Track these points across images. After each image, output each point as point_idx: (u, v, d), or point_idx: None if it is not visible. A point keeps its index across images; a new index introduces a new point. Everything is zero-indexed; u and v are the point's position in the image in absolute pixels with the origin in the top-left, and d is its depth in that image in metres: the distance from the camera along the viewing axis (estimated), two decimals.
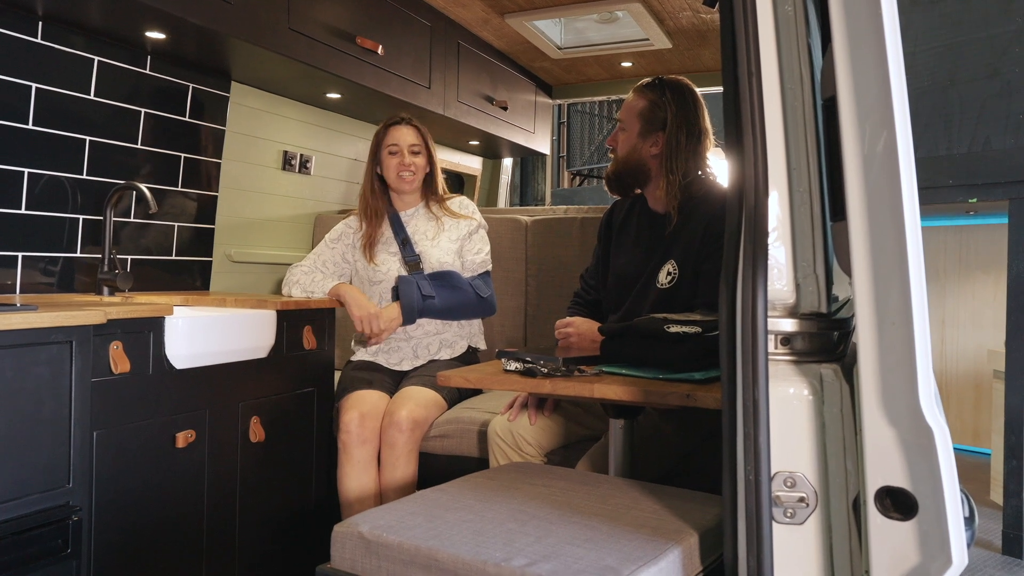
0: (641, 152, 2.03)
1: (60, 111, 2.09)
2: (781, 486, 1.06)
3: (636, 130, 2.04)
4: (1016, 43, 3.02)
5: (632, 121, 2.05)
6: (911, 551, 0.92)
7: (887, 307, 0.95)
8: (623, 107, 2.09)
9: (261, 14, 2.24)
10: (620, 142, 2.07)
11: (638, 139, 2.03)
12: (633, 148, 2.04)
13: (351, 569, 1.24)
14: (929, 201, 3.22)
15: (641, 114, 2.03)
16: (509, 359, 1.68)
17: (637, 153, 2.03)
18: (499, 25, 3.21)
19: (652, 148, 2.02)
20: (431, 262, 2.46)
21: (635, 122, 2.04)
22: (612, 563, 1.09)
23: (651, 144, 2.02)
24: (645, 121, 2.02)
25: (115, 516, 1.65)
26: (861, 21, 0.96)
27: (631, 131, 2.04)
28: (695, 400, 1.41)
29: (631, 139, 2.04)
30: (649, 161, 2.03)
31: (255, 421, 2.03)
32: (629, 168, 2.06)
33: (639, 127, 2.03)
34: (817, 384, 1.07)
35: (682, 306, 1.88)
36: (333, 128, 3.17)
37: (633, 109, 2.05)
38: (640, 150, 2.03)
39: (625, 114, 2.07)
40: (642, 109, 2.03)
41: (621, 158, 2.06)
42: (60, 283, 2.16)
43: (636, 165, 2.04)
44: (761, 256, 1.05)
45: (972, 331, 4.45)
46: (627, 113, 2.06)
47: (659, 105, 2.01)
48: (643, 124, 2.03)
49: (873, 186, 0.96)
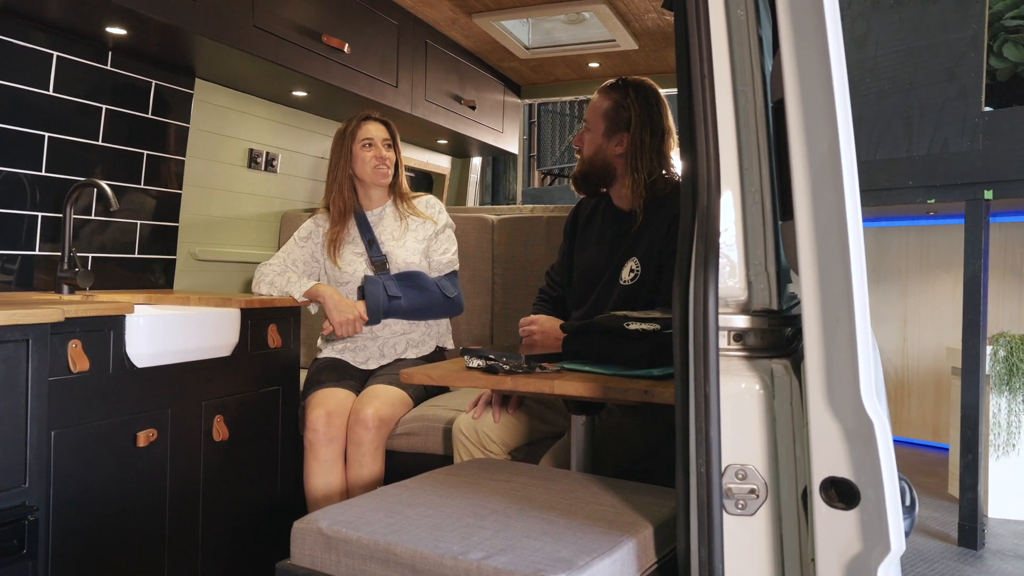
0: (606, 152, 2.05)
1: (18, 107, 2.06)
2: (732, 478, 1.08)
3: (601, 130, 2.06)
4: (972, 48, 3.10)
5: (597, 121, 2.07)
6: (854, 539, 0.95)
7: (831, 304, 0.98)
8: (588, 107, 2.11)
9: (225, 11, 2.22)
10: (586, 142, 2.09)
11: (603, 139, 2.05)
12: (598, 148, 2.06)
13: (311, 565, 1.25)
14: (890, 201, 3.29)
15: (606, 114, 2.06)
16: (472, 356, 1.69)
17: (602, 153, 2.06)
18: (467, 25, 3.22)
19: (617, 148, 2.05)
20: (397, 262, 2.46)
21: (600, 122, 2.06)
22: (567, 555, 1.11)
23: (616, 144, 2.05)
24: (610, 121, 2.05)
25: (74, 516, 1.63)
26: (806, 28, 0.99)
27: (596, 131, 2.07)
28: (653, 396, 1.43)
29: (596, 139, 2.06)
30: (614, 160, 2.06)
31: (219, 420, 2.02)
32: (595, 168, 2.08)
33: (604, 127, 2.05)
34: (768, 379, 1.09)
35: (644, 303, 1.91)
36: (300, 126, 3.16)
37: (598, 109, 2.07)
38: (605, 150, 2.05)
39: (590, 114, 2.09)
40: (606, 109, 2.06)
41: (587, 158, 2.09)
42: (19, 281, 2.13)
43: (602, 165, 2.07)
44: (713, 254, 1.07)
45: (933, 329, 4.55)
46: (592, 113, 2.09)
47: (623, 105, 2.04)
48: (608, 124, 2.05)
49: (818, 187, 0.99)
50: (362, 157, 2.48)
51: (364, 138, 2.49)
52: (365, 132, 2.49)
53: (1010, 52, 3.03)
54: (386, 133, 2.52)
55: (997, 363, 3.25)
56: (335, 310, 2.35)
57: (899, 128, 3.29)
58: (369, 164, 2.48)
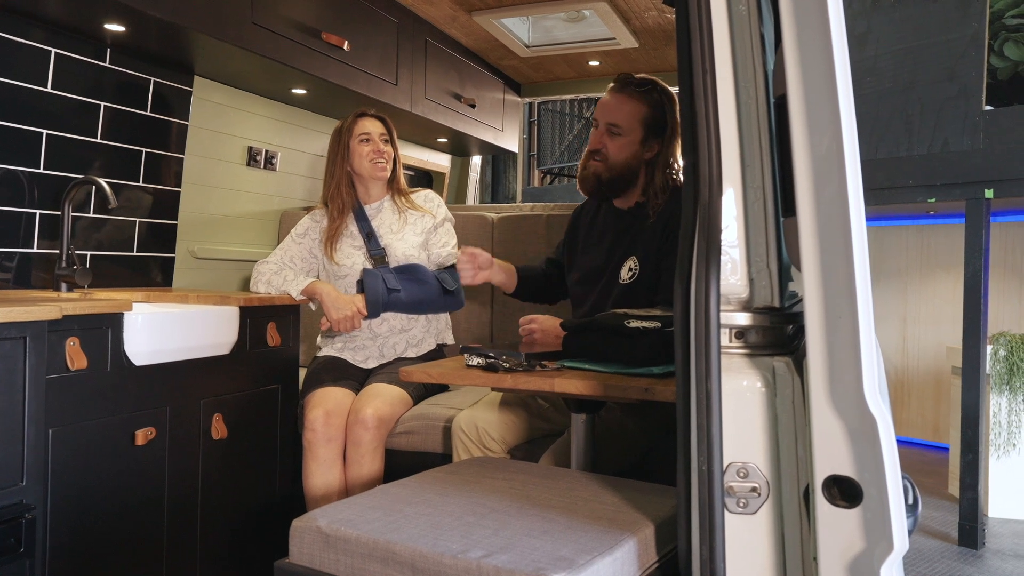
0: (639, 158, 2.01)
1: (16, 104, 2.05)
2: (734, 477, 1.07)
3: (638, 137, 2.00)
4: (972, 47, 3.09)
5: (633, 127, 2.00)
6: (857, 538, 0.95)
7: (834, 301, 0.97)
8: (615, 111, 2.01)
9: (224, 8, 2.21)
10: (615, 147, 2.01)
11: (639, 146, 2.00)
12: (633, 155, 2.01)
13: (309, 563, 1.24)
14: (890, 201, 3.29)
15: (644, 121, 2.00)
16: (471, 354, 1.69)
17: (636, 159, 2.01)
18: (467, 22, 3.22)
19: (648, 154, 2.02)
20: (396, 255, 2.46)
21: (637, 128, 2.00)
22: (567, 554, 1.10)
23: (647, 150, 2.02)
24: (647, 128, 2.00)
25: (71, 514, 1.62)
26: (810, 24, 0.98)
27: (631, 137, 2.00)
28: (653, 394, 1.43)
29: (631, 145, 2.00)
30: (640, 166, 2.03)
31: (217, 418, 2.01)
32: (624, 173, 2.02)
33: (642, 134, 2.00)
34: (770, 376, 1.09)
35: (643, 301, 1.90)
36: (299, 124, 3.15)
37: (634, 115, 2.00)
38: (639, 156, 2.01)
39: (623, 119, 2.00)
40: (645, 115, 2.00)
41: (617, 163, 2.01)
42: (17, 279, 2.12)
43: (631, 171, 2.02)
44: (714, 251, 1.07)
45: (933, 328, 4.54)
46: (626, 118, 2.00)
47: (659, 112, 2.00)
48: (646, 131, 2.00)
49: (820, 183, 0.98)
50: (359, 152, 2.48)
51: (361, 133, 2.48)
52: (362, 128, 2.49)
53: (1011, 51, 3.03)
54: (383, 128, 2.51)
55: (997, 362, 3.24)
56: (332, 307, 2.34)
57: (899, 127, 3.29)
58: (367, 159, 2.47)
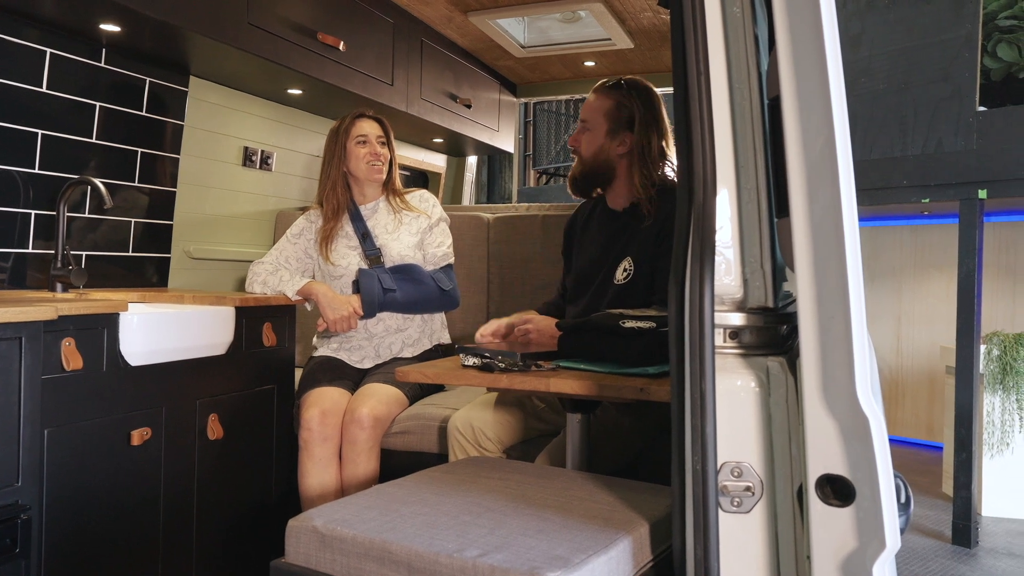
0: (608, 152, 2.04)
1: (11, 104, 2.05)
2: (728, 476, 1.08)
3: (603, 130, 2.04)
4: (966, 47, 3.10)
5: (598, 121, 2.05)
6: (849, 536, 0.95)
7: (827, 301, 0.98)
8: (586, 107, 2.09)
9: (220, 8, 2.21)
10: (585, 142, 2.07)
11: (605, 139, 2.04)
12: (600, 148, 2.04)
13: (305, 563, 1.25)
14: (884, 201, 3.30)
15: (608, 114, 2.04)
16: (467, 354, 1.69)
17: (604, 153, 2.04)
18: (462, 23, 3.22)
19: (619, 147, 2.04)
20: (392, 255, 2.46)
21: (602, 122, 2.04)
22: (562, 553, 1.11)
23: (618, 143, 2.03)
24: (612, 120, 2.03)
25: (67, 515, 1.62)
26: (802, 24, 0.99)
27: (597, 131, 2.05)
28: (648, 394, 1.43)
29: (598, 139, 2.05)
30: (616, 160, 2.05)
31: (213, 418, 2.01)
32: (596, 168, 2.06)
33: (607, 127, 2.04)
34: (764, 376, 1.09)
35: (638, 302, 1.91)
36: (295, 124, 3.15)
37: (599, 109, 2.05)
38: (608, 150, 2.04)
39: (590, 114, 2.07)
40: (609, 109, 2.04)
41: (588, 158, 2.07)
42: (12, 279, 2.12)
43: (603, 165, 2.05)
44: (709, 252, 1.07)
45: (927, 327, 4.56)
46: (592, 113, 2.06)
47: (625, 104, 2.03)
48: (611, 123, 2.03)
49: (814, 184, 0.99)
50: (356, 154, 2.48)
51: (358, 135, 2.48)
52: (359, 129, 2.49)
53: (1004, 52, 3.04)
54: (380, 130, 2.52)
55: (991, 362, 3.26)
56: (328, 308, 2.34)
57: (893, 128, 3.30)
58: (363, 161, 2.47)
